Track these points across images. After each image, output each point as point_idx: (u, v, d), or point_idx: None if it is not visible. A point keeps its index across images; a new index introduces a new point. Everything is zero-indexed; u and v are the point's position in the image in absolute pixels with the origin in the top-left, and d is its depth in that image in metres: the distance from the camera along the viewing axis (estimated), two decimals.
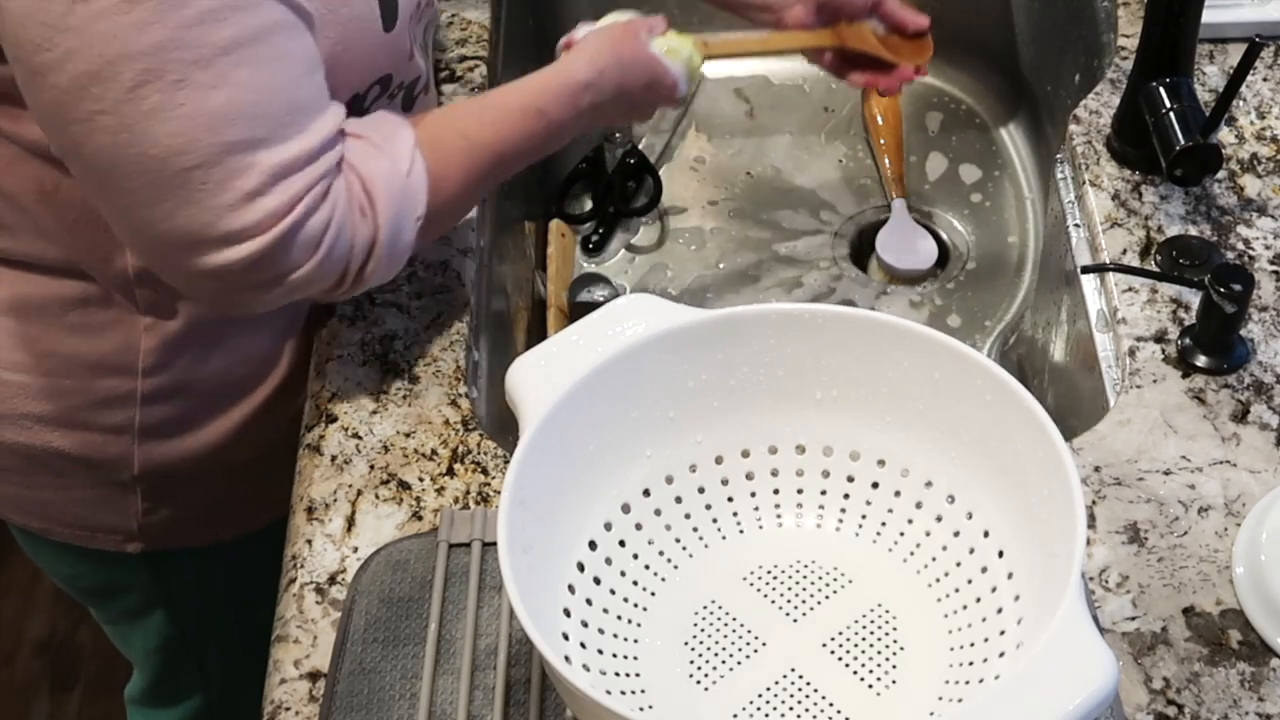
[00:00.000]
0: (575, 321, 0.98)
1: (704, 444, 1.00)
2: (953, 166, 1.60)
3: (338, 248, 1.02)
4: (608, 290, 1.46)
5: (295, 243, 0.99)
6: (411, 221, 1.06)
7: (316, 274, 1.02)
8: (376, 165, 1.04)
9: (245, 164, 0.96)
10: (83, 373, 1.15)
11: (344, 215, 1.02)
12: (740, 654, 0.94)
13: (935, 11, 1.66)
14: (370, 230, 1.04)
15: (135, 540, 1.26)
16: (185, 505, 1.25)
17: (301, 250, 1.00)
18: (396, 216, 1.04)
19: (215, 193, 0.96)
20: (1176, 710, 0.97)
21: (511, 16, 1.51)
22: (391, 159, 1.05)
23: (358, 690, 0.97)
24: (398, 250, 1.06)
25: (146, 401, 1.17)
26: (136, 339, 1.14)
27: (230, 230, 0.97)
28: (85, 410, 1.17)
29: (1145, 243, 1.23)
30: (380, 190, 1.03)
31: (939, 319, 1.48)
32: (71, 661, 2.10)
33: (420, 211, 1.06)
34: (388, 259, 1.06)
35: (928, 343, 0.95)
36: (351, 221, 1.02)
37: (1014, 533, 0.93)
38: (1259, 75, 1.35)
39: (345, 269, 1.04)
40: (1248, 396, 1.13)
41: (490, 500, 1.08)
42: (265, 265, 0.99)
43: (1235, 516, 1.06)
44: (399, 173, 1.05)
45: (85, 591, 1.39)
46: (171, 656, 1.42)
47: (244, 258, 0.98)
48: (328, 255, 1.01)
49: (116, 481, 1.21)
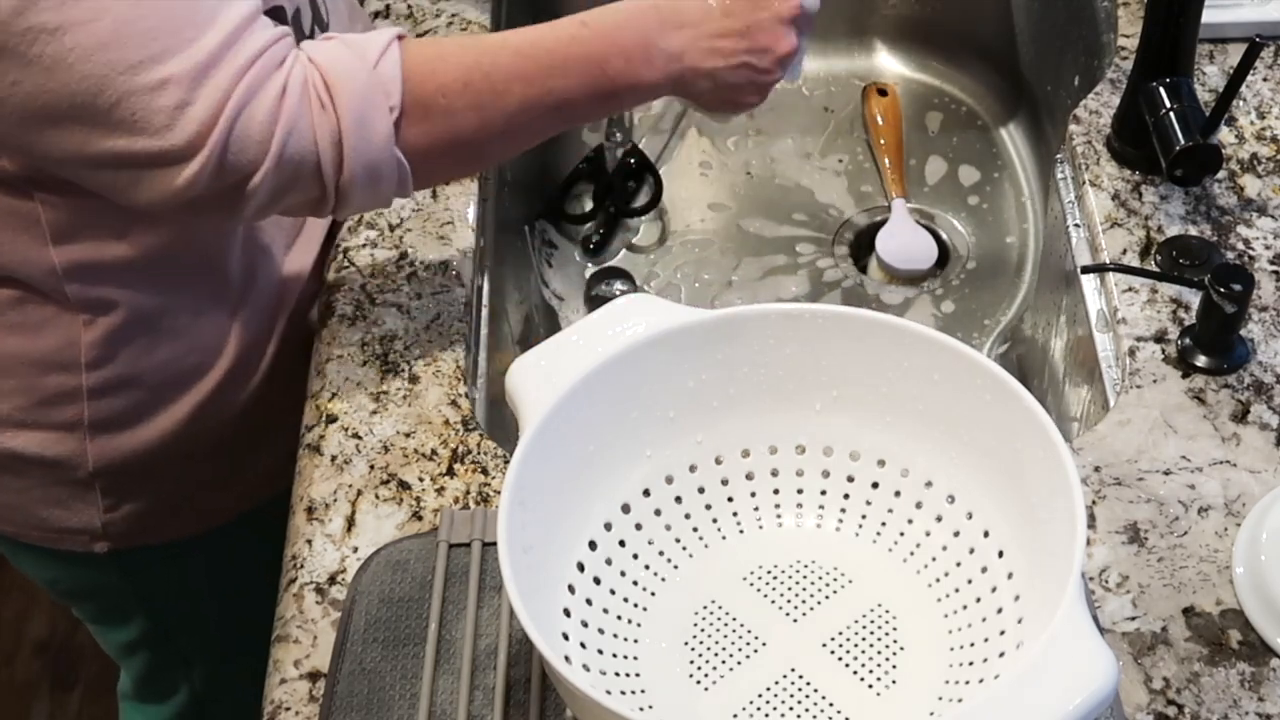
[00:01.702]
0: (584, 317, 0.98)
1: (704, 444, 1.00)
2: (952, 167, 1.60)
3: (293, 142, 0.97)
4: (628, 285, 1.46)
5: (241, 140, 0.96)
6: (383, 113, 0.99)
7: (281, 174, 0.98)
8: (335, 54, 1.00)
9: (158, 80, 0.94)
10: (26, 371, 1.14)
11: (296, 106, 0.97)
12: (740, 654, 0.94)
13: (935, 12, 1.67)
14: (331, 121, 0.98)
15: (102, 540, 1.24)
16: (147, 500, 1.24)
17: (251, 147, 0.96)
18: (360, 105, 0.98)
19: (145, 117, 0.95)
20: (1176, 710, 0.97)
21: (511, 16, 1.51)
22: (358, 51, 1.00)
23: (358, 690, 0.97)
24: (370, 148, 0.99)
25: (93, 396, 1.15)
26: (77, 334, 1.13)
27: (174, 148, 0.95)
28: (33, 409, 1.16)
29: (1145, 243, 1.23)
30: (338, 78, 0.98)
31: (939, 319, 1.48)
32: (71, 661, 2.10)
33: (394, 101, 0.99)
34: (361, 157, 0.99)
35: (928, 343, 0.95)
36: (309, 114, 0.98)
37: (1014, 533, 0.93)
38: (1259, 75, 1.35)
39: (318, 169, 0.99)
40: (1248, 396, 1.13)
41: (490, 500, 1.08)
42: (221, 173, 0.97)
43: (1235, 516, 1.06)
44: (364, 62, 0.99)
45: (64, 594, 1.39)
46: (154, 654, 1.42)
47: (198, 171, 0.96)
48: (283, 150, 0.97)
49: (74, 480, 1.20)
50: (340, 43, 1.01)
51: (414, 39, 1.05)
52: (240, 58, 0.96)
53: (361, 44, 1.01)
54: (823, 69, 1.68)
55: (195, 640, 1.42)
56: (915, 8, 1.67)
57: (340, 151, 0.99)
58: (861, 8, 1.68)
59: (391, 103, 1.00)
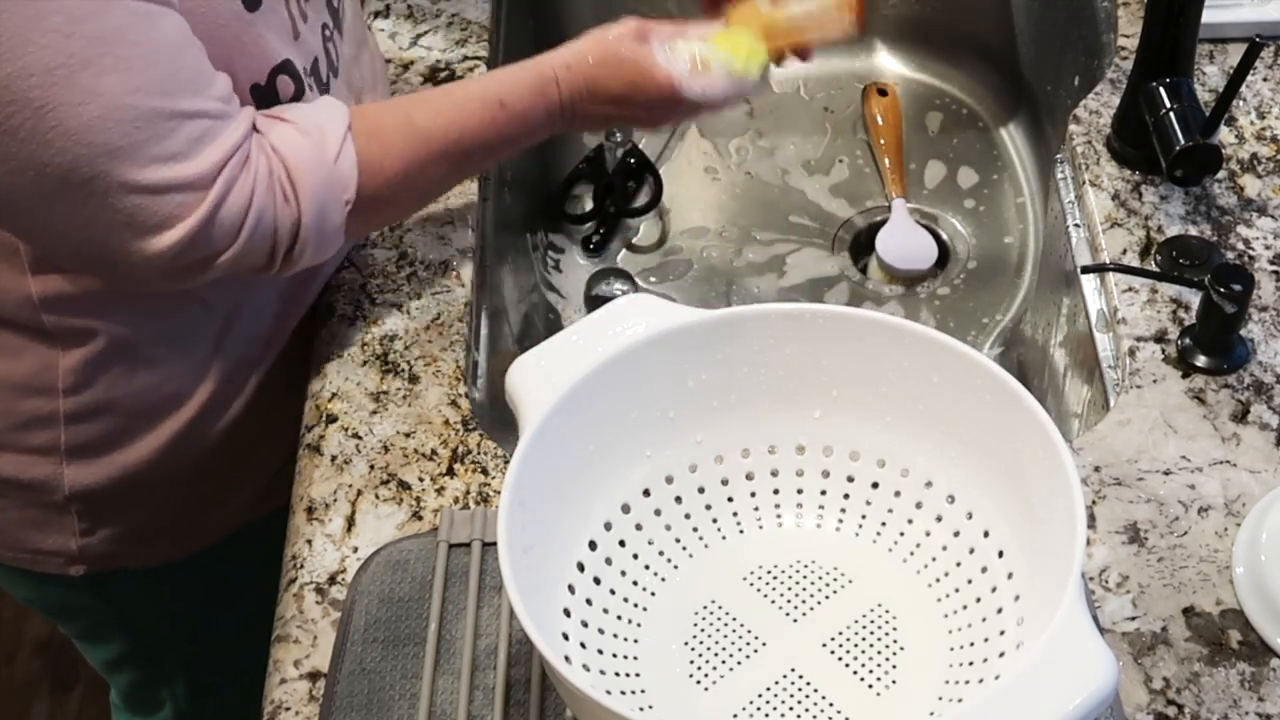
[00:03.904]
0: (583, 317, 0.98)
1: (704, 444, 1.00)
2: (952, 167, 1.60)
3: (260, 230, 1.02)
4: (628, 285, 1.46)
5: (219, 226, 1.00)
6: (339, 205, 1.06)
7: (242, 254, 1.02)
8: (298, 147, 1.04)
9: (138, 163, 0.96)
10: (2, 394, 1.14)
11: (264, 198, 1.02)
12: (740, 654, 0.94)
13: (935, 12, 1.67)
14: (293, 214, 1.04)
15: (78, 563, 1.23)
16: (124, 525, 1.23)
17: (225, 234, 1.00)
18: (321, 200, 1.04)
19: (119, 196, 0.96)
20: (1176, 710, 0.97)
21: (511, 16, 1.51)
22: (318, 142, 1.04)
23: (358, 690, 0.97)
24: (326, 233, 1.06)
25: (70, 421, 1.15)
26: (55, 360, 1.12)
27: (146, 224, 0.98)
28: (9, 432, 1.15)
29: (1145, 243, 1.23)
30: (302, 173, 1.04)
31: (939, 319, 1.48)
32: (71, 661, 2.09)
33: (349, 195, 1.06)
34: (315, 241, 1.06)
35: (927, 343, 0.95)
36: (274, 204, 1.03)
37: (1014, 533, 0.93)
38: (1259, 75, 1.35)
39: (272, 250, 1.04)
40: (1248, 396, 1.13)
41: (490, 500, 1.08)
42: (189, 250, 1.00)
43: (1235, 516, 1.06)
44: (325, 156, 1.05)
45: (46, 612, 1.38)
46: (136, 671, 1.41)
47: (163, 250, 0.99)
48: (250, 237, 1.02)
49: (50, 503, 1.19)
50: (298, 130, 1.05)
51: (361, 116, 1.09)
52: (223, 146, 0.99)
53: (319, 133, 1.05)
54: (823, 69, 1.68)
55: (176, 660, 1.41)
56: (915, 8, 1.67)
57: (295, 237, 1.05)
58: None
59: (347, 197, 1.06)
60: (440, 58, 1.40)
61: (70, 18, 0.92)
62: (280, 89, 1.07)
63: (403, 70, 1.39)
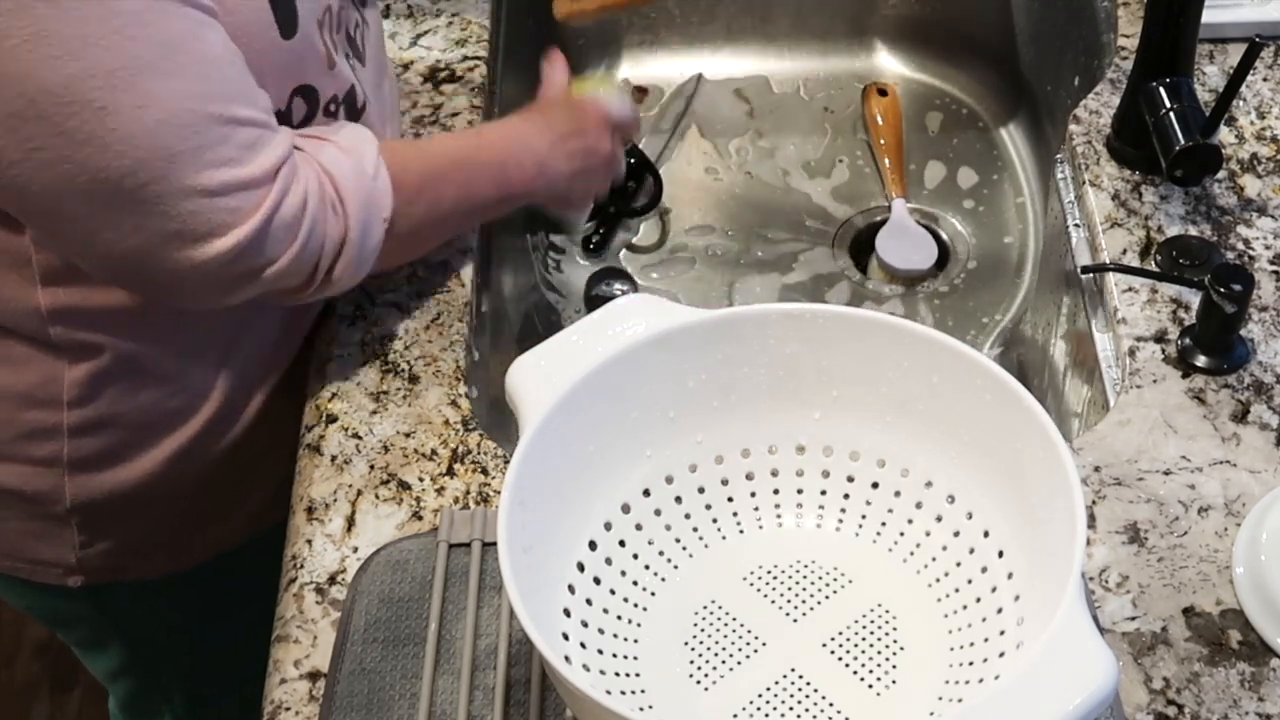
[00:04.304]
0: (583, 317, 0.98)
1: (704, 444, 1.00)
2: (952, 167, 1.60)
3: (312, 241, 1.03)
4: (627, 285, 1.46)
5: (272, 234, 1.00)
6: (379, 222, 1.07)
7: (290, 268, 1.02)
8: (343, 163, 1.05)
9: (195, 167, 0.96)
10: (6, 405, 1.13)
11: (316, 209, 1.03)
12: (740, 654, 0.94)
13: (935, 12, 1.67)
14: (341, 227, 1.05)
15: (76, 574, 1.23)
16: (124, 538, 1.22)
17: (278, 242, 1.01)
18: (365, 216, 1.06)
19: (174, 201, 0.96)
20: (1176, 710, 0.97)
21: (511, 16, 1.51)
22: (358, 160, 1.06)
23: (358, 690, 0.97)
24: (366, 250, 1.07)
25: (74, 434, 1.14)
26: (60, 372, 1.12)
27: (198, 231, 0.97)
28: (12, 443, 1.15)
29: (1145, 243, 1.23)
30: (349, 188, 1.05)
31: (939, 319, 1.48)
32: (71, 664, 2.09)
33: (387, 214, 1.08)
34: (356, 259, 1.07)
35: (927, 343, 0.95)
36: (324, 216, 1.03)
37: (1014, 533, 0.93)
38: (1259, 75, 1.35)
39: (315, 267, 1.05)
40: (1248, 396, 1.13)
41: (490, 500, 1.08)
42: (239, 258, 0.99)
43: (1235, 516, 1.06)
44: (365, 173, 1.06)
45: (43, 620, 1.38)
46: (132, 681, 1.41)
47: (218, 255, 0.98)
48: (303, 249, 1.02)
49: (51, 514, 1.19)
50: (338, 148, 1.06)
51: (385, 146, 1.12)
52: (274, 154, 0.99)
53: (357, 151, 1.07)
54: (823, 69, 1.68)
55: (174, 670, 1.41)
56: (915, 8, 1.67)
57: (339, 253, 1.05)
58: (861, 8, 1.68)
59: (385, 215, 1.08)
60: (440, 58, 1.40)
61: (133, 21, 0.92)
62: (294, 111, 1.08)
63: (403, 70, 1.39)
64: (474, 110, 1.36)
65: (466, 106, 1.36)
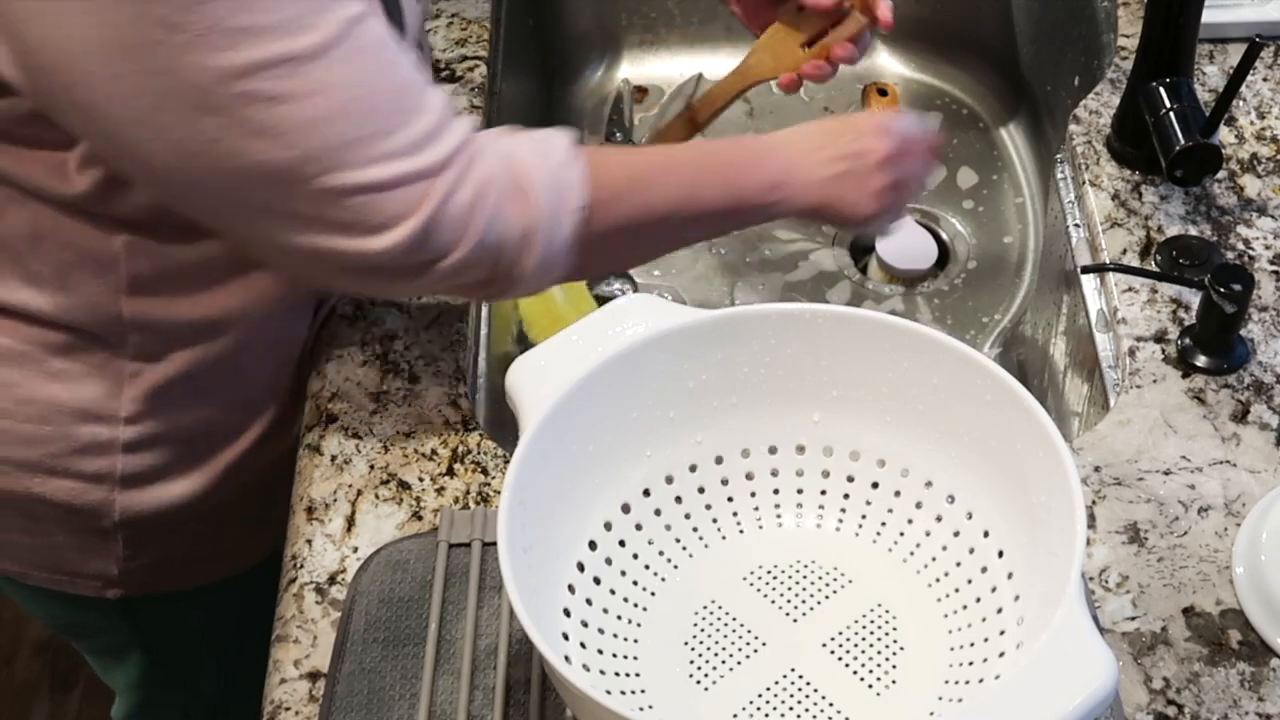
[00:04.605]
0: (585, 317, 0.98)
1: (704, 444, 1.00)
2: (952, 167, 1.60)
3: (490, 233, 0.98)
4: (627, 285, 1.46)
5: (446, 222, 0.96)
6: (570, 213, 1.01)
7: (468, 261, 0.98)
8: (530, 152, 1.01)
9: (367, 158, 0.93)
10: (63, 419, 1.12)
11: (496, 201, 0.98)
12: (740, 654, 0.94)
13: (935, 12, 1.67)
14: (525, 218, 0.99)
15: (115, 586, 1.22)
16: (166, 551, 1.22)
17: (452, 230, 0.97)
18: (553, 206, 1.00)
19: (346, 193, 0.94)
20: (1176, 710, 0.97)
21: (511, 16, 1.51)
22: (545, 148, 1.02)
23: (358, 690, 0.97)
24: (555, 244, 1.01)
25: (128, 449, 1.14)
26: (120, 386, 1.11)
27: (366, 224, 0.95)
28: (64, 457, 1.14)
29: (1145, 243, 1.23)
30: (535, 177, 1.00)
31: (939, 319, 1.48)
32: (71, 662, 2.10)
33: (576, 204, 1.01)
34: (544, 253, 1.01)
35: (927, 343, 0.95)
36: (504, 207, 0.99)
37: (1014, 533, 0.93)
38: (1259, 75, 1.35)
39: (497, 259, 1.00)
40: (1248, 396, 1.13)
41: (490, 500, 1.08)
42: (416, 250, 0.96)
43: (1235, 516, 1.06)
44: (554, 161, 1.01)
45: (63, 629, 1.37)
46: (151, 692, 1.40)
47: (393, 245, 0.95)
48: (482, 237, 0.98)
49: (97, 529, 1.18)
50: (527, 138, 1.02)
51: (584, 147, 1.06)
52: (449, 143, 0.96)
53: (546, 141, 1.02)
54: None
55: (192, 680, 1.40)
56: (915, 8, 1.67)
57: (527, 245, 1.00)
58: None
59: (576, 205, 1.01)
60: (440, 57, 1.40)
61: (302, 10, 0.90)
62: None
63: None
64: (474, 110, 1.36)
65: (466, 106, 1.36)
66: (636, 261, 1.15)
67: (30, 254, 1.06)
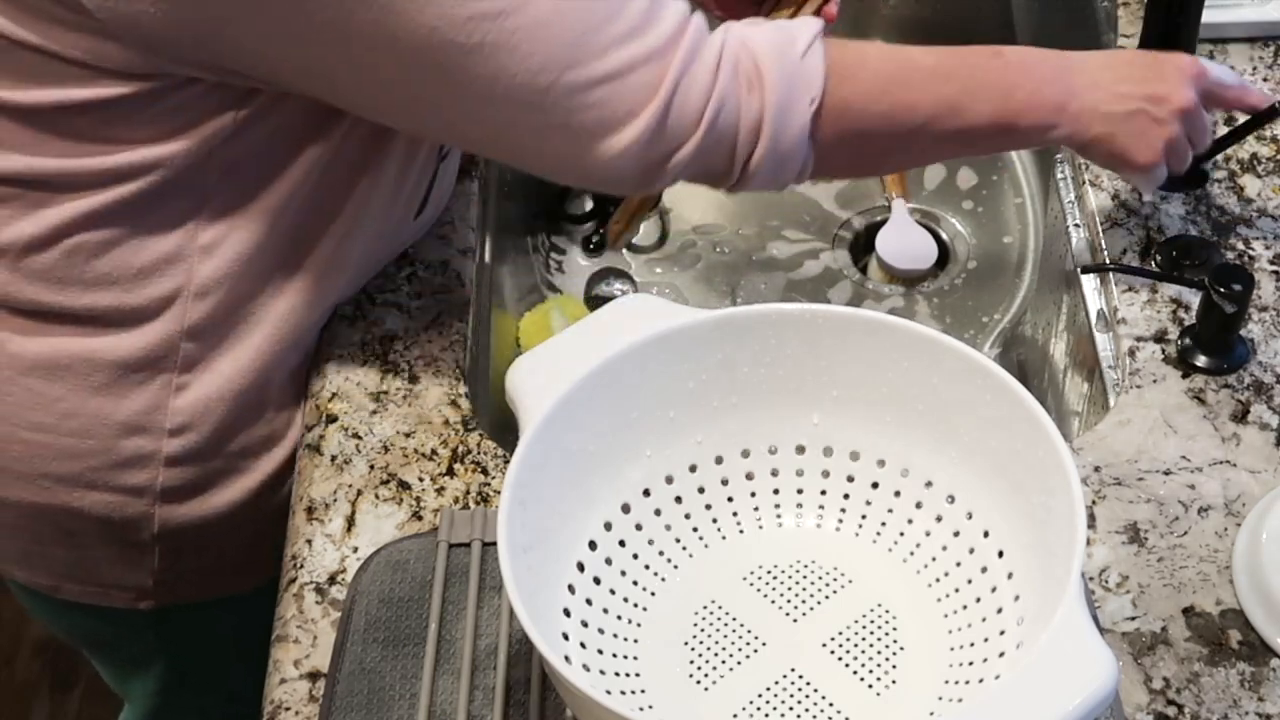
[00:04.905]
0: None
1: (704, 444, 1.00)
2: (952, 167, 1.60)
3: (722, 118, 0.98)
4: (627, 285, 1.46)
5: (680, 109, 0.97)
6: (804, 105, 0.99)
7: (703, 148, 0.98)
8: (764, 37, 1.00)
9: (598, 50, 0.94)
10: (106, 433, 1.11)
11: (728, 83, 0.98)
12: (740, 654, 0.94)
13: (935, 12, 1.67)
14: (757, 105, 0.99)
15: (149, 598, 1.22)
16: (201, 562, 1.21)
17: (688, 117, 0.97)
18: (786, 94, 0.98)
19: (592, 85, 0.95)
20: (1176, 710, 0.97)
21: None
22: (786, 38, 1.00)
23: (358, 690, 0.97)
24: (786, 138, 1.00)
25: (170, 463, 1.13)
26: (166, 399, 1.11)
27: (614, 117, 0.96)
28: (106, 471, 1.13)
29: (1145, 243, 1.23)
30: (769, 64, 0.98)
31: (939, 319, 1.48)
32: (71, 662, 2.10)
33: (815, 94, 0.99)
34: (773, 148, 1.00)
35: (928, 343, 0.95)
36: (738, 93, 0.98)
37: (1014, 533, 0.93)
38: (1259, 75, 1.35)
39: (734, 148, 1.00)
40: (1248, 396, 1.13)
41: (490, 500, 1.08)
42: (655, 142, 0.97)
43: (1235, 516, 1.06)
44: (794, 49, 0.99)
45: (83, 641, 1.36)
46: (170, 700, 1.39)
47: (633, 140, 0.96)
48: (712, 125, 0.98)
49: (134, 542, 1.17)
50: (772, 27, 1.01)
51: (837, 39, 1.03)
52: (669, 21, 0.96)
53: (790, 31, 1.00)
54: None
55: (214, 692, 1.39)
56: (915, 8, 1.67)
57: (757, 135, 1.00)
58: (861, 8, 1.68)
59: (812, 95, 1.00)
60: None
61: None
62: None
63: None
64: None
65: None
66: (886, 170, 1.11)
67: (101, 258, 1.06)
